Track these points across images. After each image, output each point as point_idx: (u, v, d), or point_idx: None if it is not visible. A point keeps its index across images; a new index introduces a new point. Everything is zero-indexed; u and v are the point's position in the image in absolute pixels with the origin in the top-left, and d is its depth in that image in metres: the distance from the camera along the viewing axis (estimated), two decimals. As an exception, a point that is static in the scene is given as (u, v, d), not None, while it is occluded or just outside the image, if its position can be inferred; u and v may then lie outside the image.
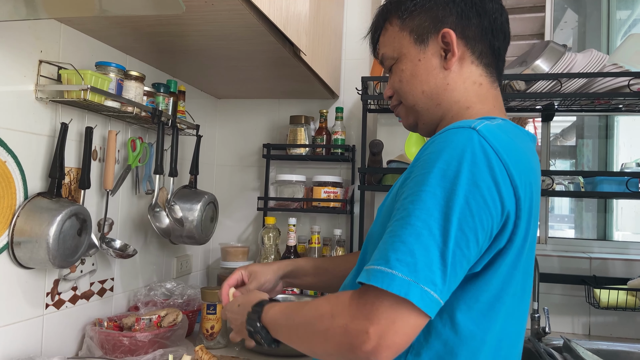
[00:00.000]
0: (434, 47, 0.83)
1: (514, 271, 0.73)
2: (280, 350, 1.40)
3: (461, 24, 0.82)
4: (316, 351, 0.71)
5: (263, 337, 0.80)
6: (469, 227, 0.65)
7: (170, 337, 1.34)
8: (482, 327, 0.72)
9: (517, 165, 0.70)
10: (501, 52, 0.87)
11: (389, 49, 0.88)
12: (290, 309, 0.77)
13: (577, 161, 2.44)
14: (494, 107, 0.84)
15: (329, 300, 0.70)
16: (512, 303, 0.76)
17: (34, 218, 1.14)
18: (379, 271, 0.63)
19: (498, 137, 0.71)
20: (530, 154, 0.79)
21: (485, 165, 0.67)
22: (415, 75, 0.84)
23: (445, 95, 0.83)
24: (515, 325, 0.79)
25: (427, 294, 0.62)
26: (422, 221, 0.65)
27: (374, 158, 1.78)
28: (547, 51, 1.63)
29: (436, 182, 0.66)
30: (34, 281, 1.21)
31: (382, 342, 0.62)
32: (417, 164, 0.71)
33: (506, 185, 0.68)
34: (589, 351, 1.57)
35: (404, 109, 0.90)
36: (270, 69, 1.65)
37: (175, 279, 1.82)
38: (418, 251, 0.63)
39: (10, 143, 1.13)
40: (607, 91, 1.57)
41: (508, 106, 1.79)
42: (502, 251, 0.71)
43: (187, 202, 1.65)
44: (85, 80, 1.18)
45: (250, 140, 2.18)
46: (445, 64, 0.83)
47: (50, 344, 1.26)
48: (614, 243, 2.01)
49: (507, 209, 0.69)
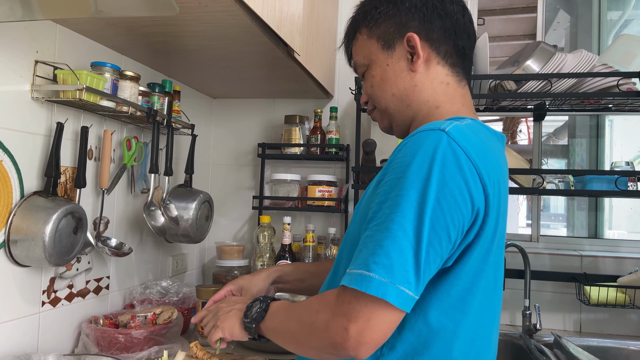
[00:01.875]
0: (401, 52, 0.87)
1: (484, 265, 0.77)
2: (270, 346, 1.42)
3: (424, 27, 0.86)
4: (302, 343, 0.75)
5: (259, 313, 0.84)
6: (440, 226, 0.69)
7: (166, 335, 1.35)
8: (454, 320, 0.76)
9: (485, 164, 0.74)
10: (466, 50, 0.90)
11: (360, 57, 0.93)
12: (290, 305, 0.81)
13: (570, 160, 2.47)
14: (462, 106, 0.88)
15: (317, 297, 0.75)
16: (483, 297, 0.79)
17: (30, 216, 1.15)
18: (358, 274, 0.68)
19: (467, 137, 0.74)
20: (499, 153, 0.83)
21: (455, 166, 0.71)
22: (384, 80, 0.89)
23: (414, 96, 0.87)
24: (488, 319, 0.82)
25: (403, 292, 0.67)
26: (397, 223, 0.69)
27: (367, 157, 1.80)
28: (538, 52, 1.65)
29: (409, 184, 0.70)
30: (30, 279, 1.22)
31: (360, 339, 0.67)
32: (391, 166, 0.75)
33: (476, 183, 0.72)
34: (580, 347, 1.60)
35: (378, 113, 0.94)
36: (265, 69, 1.67)
37: (170, 277, 1.84)
38: (393, 253, 0.68)
39: (6, 142, 1.14)
40: (597, 91, 1.59)
41: (499, 106, 1.82)
42: (470, 246, 0.74)
43: (182, 201, 1.66)
44: (81, 80, 1.20)
45: (245, 140, 2.20)
46: (412, 66, 0.86)
47: (46, 341, 1.27)
48: (605, 241, 2.04)
49: (477, 206, 0.73)
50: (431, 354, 0.75)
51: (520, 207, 3.29)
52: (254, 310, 0.84)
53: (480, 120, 0.88)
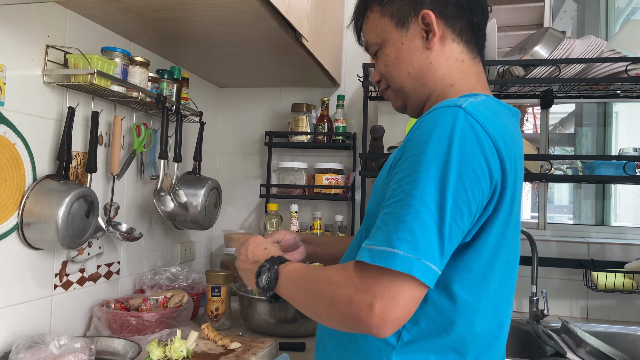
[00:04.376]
0: (415, 29, 0.86)
1: (502, 240, 0.77)
2: (280, 328, 1.43)
3: (439, 4, 0.85)
4: (320, 314, 0.75)
5: (269, 284, 0.82)
6: (462, 201, 0.69)
7: (176, 318, 1.37)
8: (476, 296, 0.76)
9: (502, 138, 0.74)
10: (480, 27, 0.89)
11: (372, 36, 0.92)
12: (307, 269, 0.80)
13: (577, 148, 2.47)
14: (477, 83, 0.87)
15: (336, 270, 0.74)
16: (503, 271, 0.80)
17: (43, 199, 1.16)
18: (382, 252, 0.67)
19: (483, 113, 0.74)
20: (513, 128, 0.83)
21: (474, 141, 0.71)
22: (399, 58, 0.88)
23: (430, 75, 0.86)
24: (508, 293, 0.83)
25: (428, 267, 0.66)
26: (419, 199, 0.68)
27: (375, 144, 1.81)
28: (546, 37, 1.64)
29: (429, 161, 0.70)
30: (42, 262, 1.24)
31: (385, 317, 0.66)
32: (409, 145, 0.75)
33: (494, 157, 0.72)
34: (587, 333, 1.60)
35: (392, 92, 0.93)
36: (272, 56, 1.67)
37: (179, 264, 1.85)
38: (417, 228, 0.67)
39: (19, 126, 1.15)
40: (605, 76, 1.59)
41: (507, 93, 1.82)
42: (489, 220, 0.75)
43: (191, 188, 1.67)
44: (92, 64, 1.21)
45: (252, 129, 2.21)
46: (427, 44, 0.85)
47: (58, 324, 1.29)
48: (612, 228, 2.04)
49: (495, 180, 0.73)
50: (455, 329, 0.76)
51: (526, 197, 3.28)
52: (264, 279, 0.83)
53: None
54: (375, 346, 0.79)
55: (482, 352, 0.79)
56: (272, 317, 1.45)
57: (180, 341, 1.13)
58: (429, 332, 0.76)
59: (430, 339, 0.76)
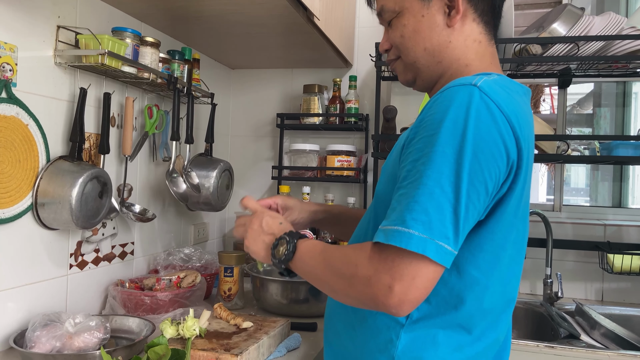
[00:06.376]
0: (438, 3, 0.83)
1: (514, 219, 0.77)
2: (292, 308, 1.43)
3: None
4: (338, 292, 0.75)
5: (287, 256, 0.82)
6: (479, 181, 0.68)
7: (190, 298, 1.38)
8: (487, 274, 0.76)
9: (517, 117, 0.73)
10: (500, 9, 0.87)
11: (391, 2, 0.86)
12: (325, 247, 0.80)
13: (594, 130, 2.42)
14: (490, 64, 0.85)
15: (355, 249, 0.74)
16: (513, 250, 0.79)
17: (57, 180, 1.17)
18: (396, 231, 0.67)
19: (497, 91, 0.73)
20: (525, 106, 0.81)
21: (489, 120, 0.70)
22: (417, 32, 0.84)
23: (447, 53, 0.84)
24: (516, 271, 0.83)
25: (442, 247, 0.66)
26: (434, 180, 0.67)
27: (387, 125, 1.79)
28: (565, 14, 1.60)
29: (444, 140, 0.69)
30: (57, 242, 1.25)
31: (404, 297, 0.66)
32: (423, 124, 0.73)
33: (510, 136, 0.71)
34: (602, 315, 1.59)
35: (402, 64, 0.90)
36: (284, 36, 1.65)
37: (192, 245, 1.86)
38: (431, 209, 0.67)
39: (31, 107, 1.16)
40: (625, 54, 1.54)
41: (524, 72, 1.78)
42: (503, 198, 0.74)
43: (203, 170, 1.67)
44: (103, 44, 1.20)
45: (263, 110, 2.19)
46: (449, 21, 0.83)
47: (74, 303, 1.31)
48: (629, 210, 2.00)
49: (512, 159, 0.72)
50: (464, 306, 0.76)
51: (542, 179, 3.23)
52: (282, 251, 0.83)
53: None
54: (384, 324, 0.79)
55: (489, 326, 0.80)
56: (284, 297, 1.45)
57: (193, 320, 1.14)
58: (439, 309, 0.77)
59: (439, 316, 0.77)
